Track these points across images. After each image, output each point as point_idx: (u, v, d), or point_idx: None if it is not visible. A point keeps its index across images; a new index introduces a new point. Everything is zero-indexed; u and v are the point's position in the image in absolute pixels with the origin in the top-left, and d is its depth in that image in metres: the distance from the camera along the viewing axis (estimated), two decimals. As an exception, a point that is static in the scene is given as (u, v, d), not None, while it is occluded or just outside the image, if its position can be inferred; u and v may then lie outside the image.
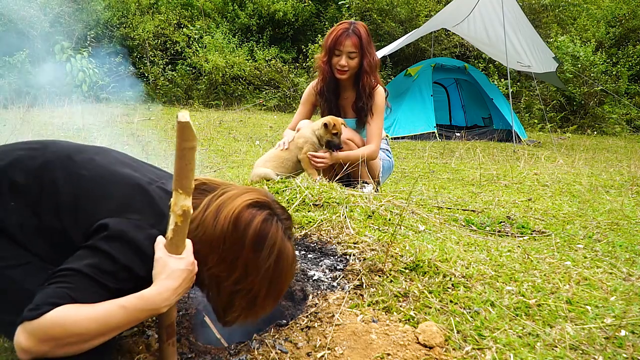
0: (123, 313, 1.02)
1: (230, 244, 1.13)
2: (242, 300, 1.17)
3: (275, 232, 1.16)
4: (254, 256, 1.14)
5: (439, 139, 7.97)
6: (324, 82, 3.00)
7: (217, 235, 1.13)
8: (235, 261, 1.14)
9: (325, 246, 1.91)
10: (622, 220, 2.84)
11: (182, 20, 14.41)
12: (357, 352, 1.32)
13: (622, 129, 10.93)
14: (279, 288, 1.22)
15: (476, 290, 1.65)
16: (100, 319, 1.00)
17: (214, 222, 1.14)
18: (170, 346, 1.20)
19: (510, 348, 1.38)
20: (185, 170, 1.04)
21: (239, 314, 1.20)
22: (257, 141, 6.66)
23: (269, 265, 1.15)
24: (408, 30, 11.57)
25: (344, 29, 2.85)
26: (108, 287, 1.05)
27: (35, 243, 1.12)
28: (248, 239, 1.13)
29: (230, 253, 1.14)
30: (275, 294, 1.22)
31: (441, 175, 4.60)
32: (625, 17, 13.24)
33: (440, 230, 2.36)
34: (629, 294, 1.75)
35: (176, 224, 1.08)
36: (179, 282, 1.08)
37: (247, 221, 1.14)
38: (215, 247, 1.14)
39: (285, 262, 1.19)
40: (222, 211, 1.15)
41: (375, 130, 2.93)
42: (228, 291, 1.16)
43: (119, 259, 1.05)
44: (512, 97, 8.38)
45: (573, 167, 5.08)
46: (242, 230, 1.13)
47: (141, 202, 1.15)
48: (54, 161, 1.18)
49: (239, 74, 13.02)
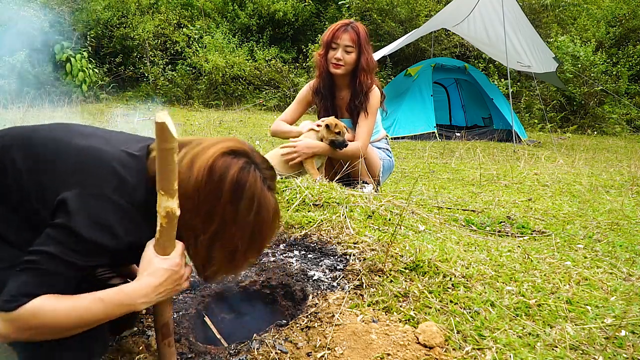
0: (101, 307, 1.02)
1: (206, 195, 1.08)
2: (221, 254, 1.12)
3: (254, 182, 1.10)
4: (231, 208, 1.08)
5: (439, 139, 7.97)
6: (320, 79, 2.99)
7: (191, 187, 1.07)
8: (212, 213, 1.08)
9: (325, 246, 1.91)
10: (622, 220, 2.84)
11: (182, 20, 14.42)
12: (357, 352, 1.32)
13: (622, 129, 10.93)
14: (260, 242, 1.16)
15: (476, 290, 1.65)
16: (78, 312, 1.00)
17: (188, 173, 1.08)
18: (166, 346, 1.20)
19: (510, 348, 1.38)
20: (166, 172, 1.02)
21: (218, 268, 1.15)
22: (257, 141, 6.66)
23: (249, 217, 1.10)
24: (408, 30, 11.56)
25: (342, 24, 2.87)
26: (78, 265, 1.02)
27: (23, 237, 1.08)
28: (224, 190, 1.07)
29: (206, 205, 1.08)
30: (256, 248, 1.16)
31: (441, 175, 4.60)
32: (625, 17, 13.23)
33: (440, 230, 2.36)
34: (629, 294, 1.75)
35: (161, 225, 1.07)
36: (159, 281, 1.08)
37: (223, 170, 1.08)
38: (191, 199, 1.08)
39: (267, 214, 1.13)
40: (196, 162, 1.09)
41: (364, 129, 2.88)
42: (206, 245, 1.11)
43: (81, 233, 1.00)
44: (512, 97, 8.38)
45: (573, 167, 5.08)
46: (218, 180, 1.07)
47: (100, 171, 1.08)
48: (12, 145, 1.12)
49: (239, 74, 13.02)
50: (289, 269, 1.78)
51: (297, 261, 1.83)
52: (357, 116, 2.92)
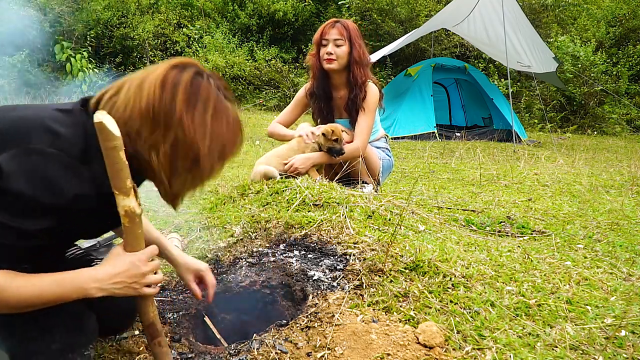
0: (55, 288, 1.01)
1: (160, 108, 1.05)
2: (185, 162, 1.09)
3: (208, 87, 1.09)
4: (187, 112, 1.06)
5: (439, 139, 7.97)
6: (314, 80, 2.97)
7: (145, 105, 1.05)
8: (169, 123, 1.06)
9: (325, 246, 1.91)
10: (623, 220, 2.84)
11: (182, 20, 14.42)
12: (357, 352, 1.32)
13: (622, 129, 10.94)
14: (222, 145, 1.13)
15: (476, 290, 1.65)
16: (31, 292, 0.99)
17: (139, 94, 1.05)
18: (157, 346, 1.19)
19: (510, 348, 1.38)
20: (114, 170, 1.02)
21: (184, 178, 1.12)
22: (257, 141, 6.66)
23: (206, 119, 1.08)
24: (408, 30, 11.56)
25: (330, 21, 2.88)
26: (25, 231, 0.98)
27: None
28: (179, 98, 1.05)
29: (162, 117, 1.05)
30: (218, 151, 1.12)
31: (441, 175, 4.60)
32: (625, 17, 13.24)
33: (440, 230, 2.36)
34: (629, 294, 1.75)
35: (124, 225, 1.07)
36: (117, 271, 1.07)
37: (174, 80, 1.06)
38: (146, 116, 1.05)
39: (225, 117, 1.11)
40: (145, 82, 1.06)
41: (362, 127, 2.87)
42: (168, 155, 1.08)
43: (21, 191, 0.95)
44: (512, 97, 8.38)
45: (573, 167, 5.08)
46: (171, 90, 1.05)
47: (31, 129, 1.03)
48: None
49: (239, 74, 13.02)
50: (289, 269, 1.78)
51: (297, 261, 1.83)
52: (355, 114, 2.91)
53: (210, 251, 1.98)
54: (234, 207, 2.36)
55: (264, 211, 2.23)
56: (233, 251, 1.96)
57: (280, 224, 2.10)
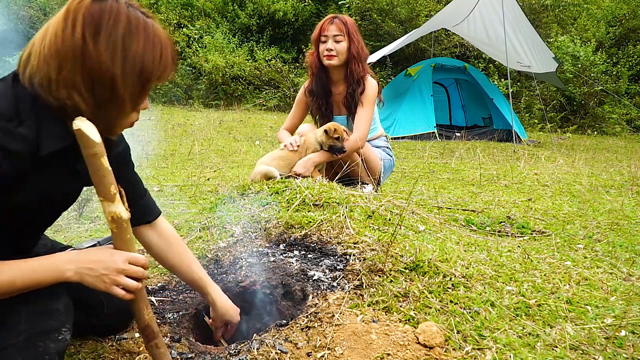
0: (29, 274, 1.01)
1: (65, 42, 1.00)
2: (103, 90, 1.03)
3: (114, 6, 1.03)
4: (92, 37, 1.00)
5: (439, 139, 7.97)
6: (313, 78, 2.98)
7: (49, 45, 1.00)
8: (76, 55, 1.00)
9: (325, 246, 1.91)
10: (622, 220, 2.84)
11: (182, 20, 14.42)
12: (357, 352, 1.32)
13: (622, 129, 10.94)
14: (140, 62, 1.05)
15: (476, 290, 1.65)
16: (6, 279, 0.99)
17: (45, 38, 1.01)
18: (155, 348, 1.18)
19: (510, 348, 1.38)
20: (97, 177, 1.01)
21: (109, 107, 1.07)
22: (257, 141, 6.66)
23: (116, 40, 1.02)
24: (408, 30, 11.57)
25: (328, 18, 2.90)
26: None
27: None
28: (79, 24, 1.00)
29: (69, 51, 1.00)
30: (137, 70, 1.06)
31: (441, 175, 4.60)
32: (625, 17, 13.24)
33: (440, 230, 2.36)
34: (629, 294, 1.75)
35: (112, 231, 1.07)
36: (94, 258, 1.07)
37: (76, 10, 1.01)
38: (55, 56, 1.00)
39: (141, 33, 1.05)
40: (50, 25, 1.03)
41: (361, 119, 2.87)
42: (89, 89, 1.02)
43: None
44: (512, 97, 8.38)
45: (573, 167, 5.09)
46: (72, 21, 1.00)
47: None
48: None
49: (239, 74, 13.02)
50: (289, 269, 1.78)
51: (297, 261, 1.83)
52: (354, 109, 2.92)
53: (210, 251, 1.98)
54: (234, 207, 2.36)
55: (264, 211, 2.24)
56: (233, 251, 1.96)
57: (280, 224, 2.10)
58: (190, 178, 3.85)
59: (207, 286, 1.47)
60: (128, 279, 1.09)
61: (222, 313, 1.49)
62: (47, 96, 1.02)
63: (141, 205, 1.38)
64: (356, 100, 2.89)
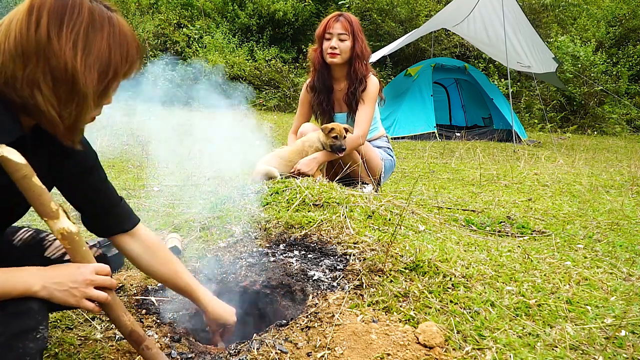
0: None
1: (29, 38, 0.97)
2: (65, 87, 1.01)
3: (78, 0, 1.00)
4: (55, 33, 0.98)
5: (439, 139, 7.97)
6: (315, 74, 2.98)
7: (13, 42, 0.98)
8: (39, 52, 0.98)
9: (325, 246, 1.91)
10: (622, 220, 2.84)
11: (182, 20, 14.43)
12: (357, 352, 1.32)
13: (622, 129, 10.94)
14: (103, 58, 1.03)
15: (476, 290, 1.65)
16: None
17: (7, 34, 0.98)
18: (146, 350, 1.17)
19: (510, 348, 1.38)
20: (33, 198, 1.00)
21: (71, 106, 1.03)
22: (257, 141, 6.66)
23: (78, 34, 0.99)
24: (408, 30, 11.57)
25: (334, 15, 2.89)
26: None
27: None
28: (44, 20, 0.97)
29: (33, 47, 0.97)
30: (99, 65, 1.03)
31: (441, 175, 4.60)
32: (625, 17, 13.25)
33: (440, 230, 2.36)
34: (629, 294, 1.75)
35: (66, 248, 1.06)
36: (61, 272, 1.05)
37: (40, 4, 0.98)
38: (18, 53, 0.98)
39: (105, 28, 1.03)
40: (13, 19, 0.99)
41: (362, 116, 2.88)
42: (50, 87, 1.00)
43: None
44: (512, 97, 8.38)
45: (573, 167, 5.09)
46: (36, 16, 0.97)
47: None
48: None
49: (239, 74, 13.02)
50: (289, 269, 1.78)
51: (297, 261, 1.83)
52: (355, 106, 2.93)
53: (210, 251, 1.98)
54: (234, 207, 2.36)
55: (264, 211, 2.23)
56: (233, 251, 1.96)
57: (280, 224, 2.10)
58: (190, 178, 3.85)
59: (196, 292, 1.43)
60: (97, 291, 1.08)
61: (215, 318, 1.46)
62: (11, 93, 1.00)
63: (116, 213, 1.34)
64: (357, 98, 2.90)
